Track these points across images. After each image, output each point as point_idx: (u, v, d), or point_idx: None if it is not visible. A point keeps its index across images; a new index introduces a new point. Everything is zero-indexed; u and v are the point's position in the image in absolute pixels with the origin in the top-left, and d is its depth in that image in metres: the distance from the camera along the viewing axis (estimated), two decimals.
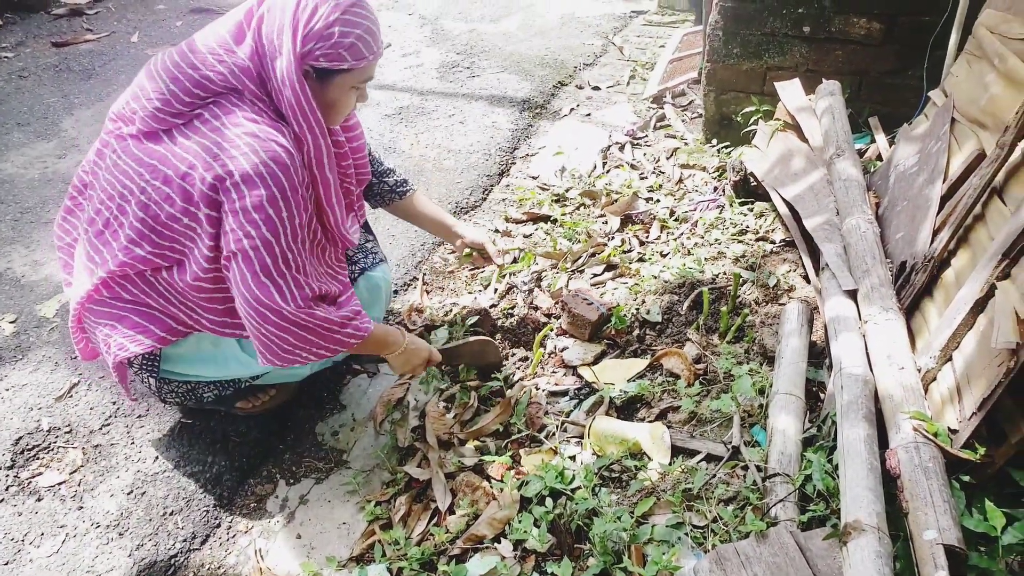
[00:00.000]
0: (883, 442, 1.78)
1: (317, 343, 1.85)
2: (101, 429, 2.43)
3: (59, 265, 2.11)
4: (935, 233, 2.21)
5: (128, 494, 2.24)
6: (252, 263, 1.72)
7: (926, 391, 1.87)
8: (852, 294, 2.24)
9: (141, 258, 1.83)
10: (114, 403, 2.52)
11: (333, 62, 1.73)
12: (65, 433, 2.41)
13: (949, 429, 1.70)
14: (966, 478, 1.67)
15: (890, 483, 1.68)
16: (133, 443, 2.39)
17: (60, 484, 2.26)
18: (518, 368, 2.59)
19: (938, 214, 2.26)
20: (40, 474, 2.29)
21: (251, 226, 1.70)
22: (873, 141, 3.33)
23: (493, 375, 2.52)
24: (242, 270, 1.73)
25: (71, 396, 2.54)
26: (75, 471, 2.30)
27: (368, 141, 2.36)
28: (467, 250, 2.64)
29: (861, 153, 3.26)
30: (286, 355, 1.84)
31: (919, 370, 1.90)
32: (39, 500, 2.22)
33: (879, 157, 3.19)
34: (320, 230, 1.97)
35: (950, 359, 1.85)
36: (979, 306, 1.78)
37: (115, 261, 1.85)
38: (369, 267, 2.32)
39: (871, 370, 1.96)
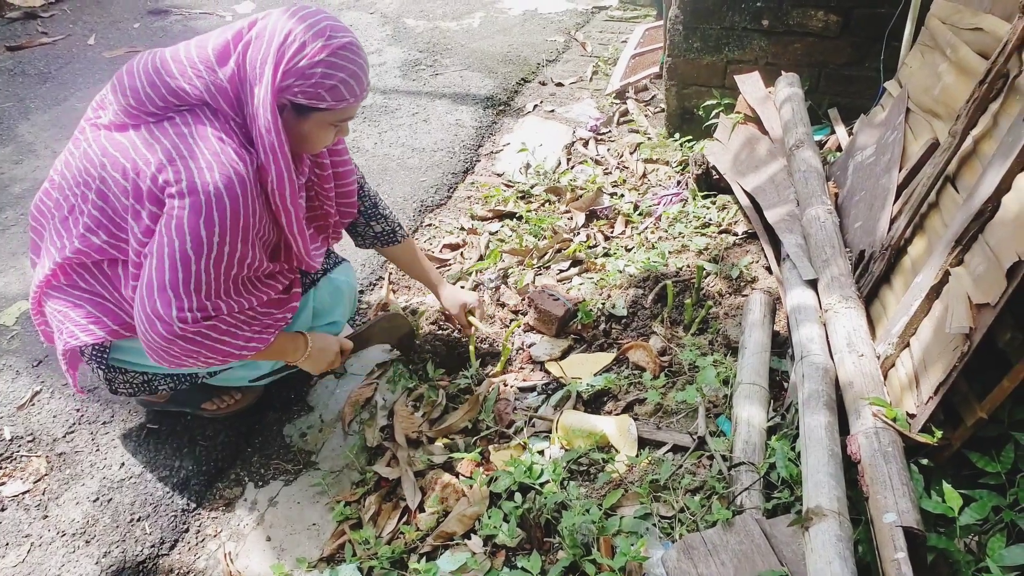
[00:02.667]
0: (844, 428, 1.81)
1: (205, 355, 1.81)
2: (65, 437, 2.40)
3: (29, 245, 2.08)
4: (892, 221, 2.25)
5: (94, 501, 2.21)
6: (163, 271, 1.69)
7: (885, 377, 1.90)
8: (813, 283, 2.27)
9: (96, 247, 1.83)
10: (78, 410, 2.48)
11: (311, 100, 1.70)
12: (28, 442, 2.38)
13: (907, 414, 1.74)
14: (924, 461, 1.71)
15: (851, 468, 1.71)
16: (98, 450, 2.36)
17: (24, 493, 2.23)
18: (488, 365, 2.60)
19: (895, 203, 2.31)
20: (3, 484, 2.25)
21: (177, 236, 1.66)
22: (833, 132, 3.37)
23: (412, 349, 2.56)
24: (151, 273, 1.70)
25: (33, 404, 2.51)
26: (39, 480, 2.27)
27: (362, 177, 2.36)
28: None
29: (821, 144, 3.31)
30: (172, 360, 1.80)
31: (878, 357, 1.94)
32: (3, 510, 2.18)
33: (839, 148, 3.24)
34: (282, 253, 1.97)
35: (908, 345, 1.89)
36: (934, 292, 1.82)
37: (71, 248, 1.85)
38: (330, 268, 2.31)
39: (832, 358, 2.00)
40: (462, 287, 2.96)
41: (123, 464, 2.32)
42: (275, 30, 1.67)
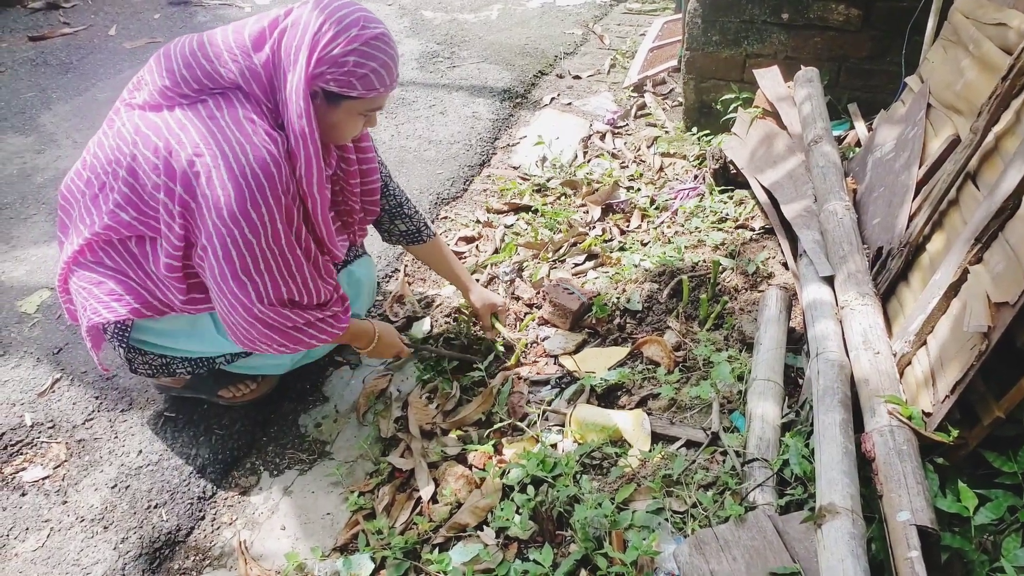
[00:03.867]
0: (859, 426, 1.81)
1: (280, 340, 1.92)
2: (84, 424, 2.43)
3: (56, 223, 2.10)
4: (911, 218, 2.24)
5: (112, 488, 2.24)
6: (231, 260, 1.75)
7: (901, 375, 1.89)
8: (830, 280, 2.26)
9: (125, 223, 1.85)
10: (97, 398, 2.51)
11: (343, 88, 1.73)
12: (48, 428, 2.41)
13: (923, 412, 1.73)
14: (940, 460, 1.70)
15: (865, 466, 1.70)
16: (116, 437, 2.39)
17: (44, 479, 2.26)
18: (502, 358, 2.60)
19: (914, 199, 2.29)
20: (24, 469, 2.29)
21: (233, 224, 1.71)
22: (852, 127, 3.35)
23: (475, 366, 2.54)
24: (220, 264, 1.75)
25: (53, 391, 2.54)
26: (59, 466, 2.30)
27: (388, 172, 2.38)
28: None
29: (840, 139, 3.28)
30: (249, 343, 1.91)
31: (894, 354, 1.92)
32: (23, 495, 2.21)
33: (858, 143, 3.21)
34: (311, 240, 1.98)
35: (925, 343, 1.87)
36: (952, 290, 1.80)
37: (100, 223, 1.87)
38: (350, 261, 2.33)
39: (847, 355, 1.99)
40: (477, 279, 2.96)
41: (141, 451, 2.35)
42: (310, 19, 1.70)
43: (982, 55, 2.31)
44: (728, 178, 3.20)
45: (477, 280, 2.94)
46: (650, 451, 2.09)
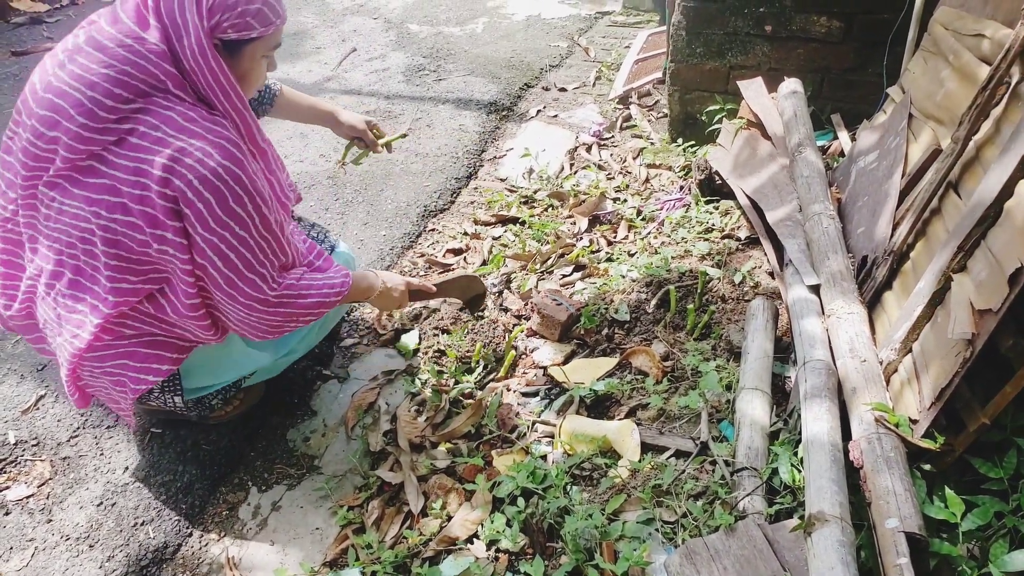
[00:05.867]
0: (847, 434, 1.82)
1: (303, 313, 1.92)
2: (69, 441, 2.41)
3: (20, 332, 2.02)
4: (895, 227, 2.26)
5: (98, 506, 2.22)
6: (232, 264, 1.73)
7: (887, 382, 1.90)
8: (815, 289, 2.28)
9: (131, 291, 1.78)
10: (82, 415, 2.49)
11: (242, 32, 1.67)
12: (32, 446, 2.39)
13: (910, 419, 1.74)
14: (927, 467, 1.71)
15: (854, 473, 1.71)
16: (102, 454, 2.37)
17: (28, 497, 2.24)
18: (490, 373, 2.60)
19: (897, 208, 2.31)
20: (7, 488, 2.26)
21: (222, 228, 1.68)
22: (835, 138, 3.38)
23: (479, 309, 2.63)
24: (223, 273, 1.73)
25: (37, 408, 2.52)
26: (43, 484, 2.28)
27: None
28: (351, 144, 2.63)
29: (824, 149, 3.31)
30: (277, 330, 1.92)
31: (881, 362, 1.94)
32: (7, 514, 2.19)
33: (841, 153, 3.24)
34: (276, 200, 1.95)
35: (910, 351, 1.89)
36: (936, 298, 1.82)
37: (107, 304, 1.78)
38: (335, 244, 2.39)
39: (834, 363, 2.00)
40: None
41: (127, 468, 2.33)
42: None
43: (961, 66, 2.34)
44: (714, 188, 3.22)
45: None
46: (640, 461, 2.09)
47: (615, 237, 3.23)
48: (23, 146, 1.75)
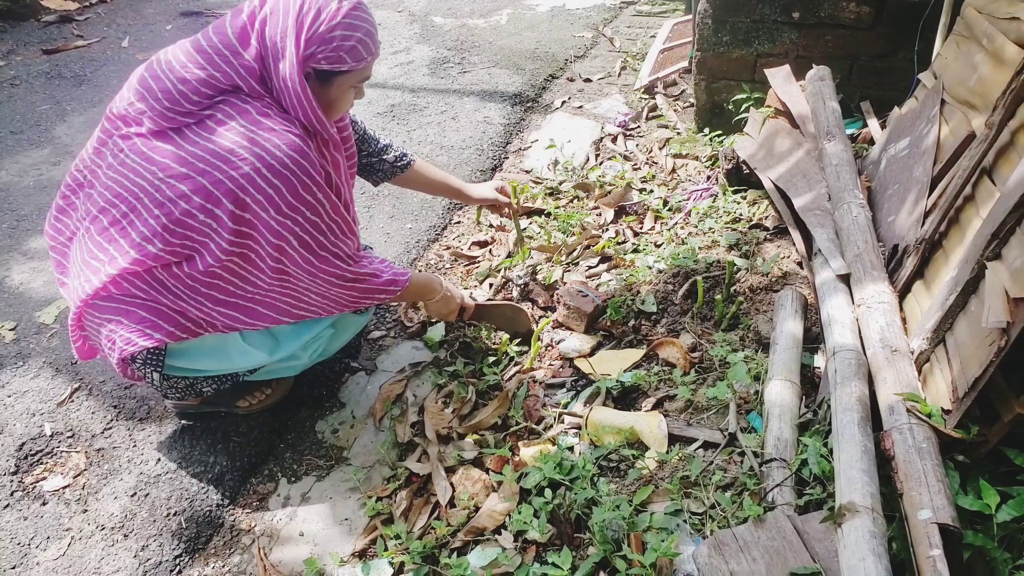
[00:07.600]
0: (877, 424, 1.79)
1: (378, 291, 2.13)
2: (103, 433, 2.45)
3: (52, 265, 2.11)
4: (926, 215, 2.22)
5: (132, 496, 2.25)
6: (308, 246, 1.87)
7: (919, 372, 1.88)
8: (845, 278, 2.25)
9: (153, 255, 1.84)
10: (115, 407, 2.53)
11: (334, 64, 1.79)
12: (68, 438, 2.43)
13: (942, 409, 1.72)
14: (960, 458, 1.69)
15: (885, 464, 1.69)
16: (135, 446, 2.41)
17: (64, 488, 2.28)
18: (516, 363, 2.60)
19: (929, 196, 2.27)
20: (44, 479, 2.31)
21: (295, 213, 1.80)
22: (865, 125, 3.33)
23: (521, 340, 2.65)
24: (301, 252, 1.87)
25: (72, 401, 2.56)
26: (79, 475, 2.32)
27: (362, 121, 2.47)
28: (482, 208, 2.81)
29: (853, 138, 3.27)
30: (352, 305, 2.13)
31: (912, 352, 1.91)
32: (44, 504, 2.23)
33: (871, 141, 3.20)
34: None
35: (942, 340, 1.86)
36: (970, 287, 1.79)
37: (127, 258, 1.85)
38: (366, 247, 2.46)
39: (864, 353, 1.97)
40: (491, 284, 2.97)
41: (159, 460, 2.36)
42: (288, 2, 1.75)
43: (996, 50, 2.29)
44: (741, 178, 3.19)
45: (491, 285, 2.96)
46: (667, 453, 2.08)
47: (641, 228, 3.21)
48: (123, 106, 1.88)
